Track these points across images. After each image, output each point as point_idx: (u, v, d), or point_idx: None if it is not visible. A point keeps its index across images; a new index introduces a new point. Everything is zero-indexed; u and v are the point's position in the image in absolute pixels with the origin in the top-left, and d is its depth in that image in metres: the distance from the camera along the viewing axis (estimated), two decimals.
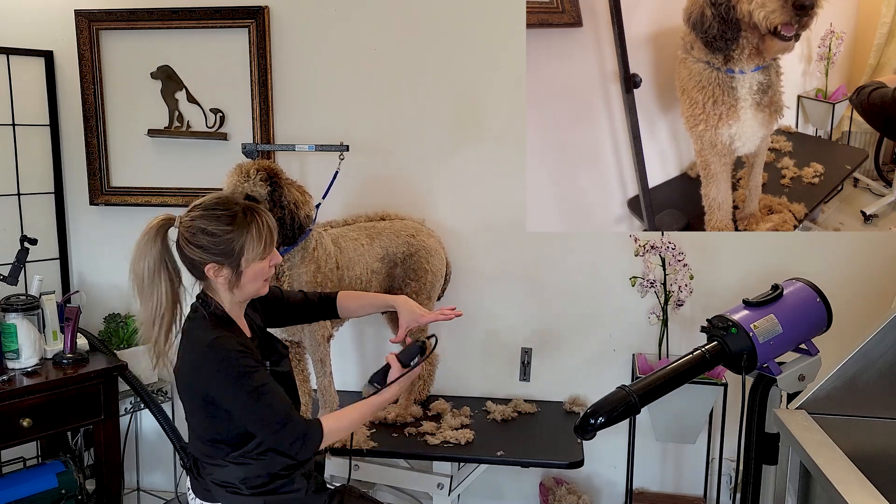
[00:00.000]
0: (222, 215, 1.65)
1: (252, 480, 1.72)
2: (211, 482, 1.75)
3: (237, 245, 1.64)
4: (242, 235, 1.64)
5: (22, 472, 2.51)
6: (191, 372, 1.67)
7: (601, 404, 1.51)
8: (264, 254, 1.68)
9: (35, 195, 2.89)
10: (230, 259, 1.65)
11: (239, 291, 1.70)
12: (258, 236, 1.66)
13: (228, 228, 1.64)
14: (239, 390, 1.61)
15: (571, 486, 2.76)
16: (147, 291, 1.68)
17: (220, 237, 1.63)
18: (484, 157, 2.71)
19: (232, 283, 1.68)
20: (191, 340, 1.68)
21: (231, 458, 1.71)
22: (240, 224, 1.65)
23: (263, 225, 1.67)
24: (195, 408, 1.72)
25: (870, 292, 2.54)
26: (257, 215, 1.67)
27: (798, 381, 1.64)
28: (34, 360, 2.49)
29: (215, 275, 1.67)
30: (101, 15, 2.81)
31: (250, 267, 1.67)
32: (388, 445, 2.38)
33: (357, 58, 2.73)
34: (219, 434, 1.70)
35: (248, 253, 1.65)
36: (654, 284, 2.48)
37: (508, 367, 2.84)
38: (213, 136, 2.83)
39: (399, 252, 2.49)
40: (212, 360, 1.62)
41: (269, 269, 1.73)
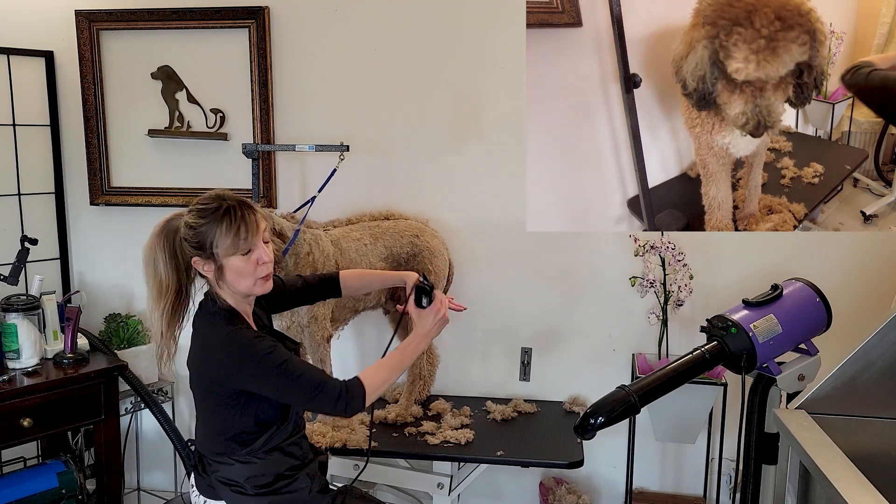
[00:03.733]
0: (202, 209, 1.68)
1: (257, 480, 1.73)
2: (216, 479, 1.76)
3: (208, 238, 1.66)
4: (213, 229, 1.65)
5: (22, 472, 2.51)
6: (213, 368, 1.70)
7: (601, 404, 1.51)
8: (236, 249, 1.66)
9: (35, 195, 2.90)
10: (205, 251, 1.67)
11: (228, 287, 1.71)
12: (227, 230, 1.65)
13: (202, 221, 1.66)
14: (269, 373, 1.65)
15: (571, 485, 2.76)
16: (151, 279, 1.72)
17: (196, 230, 1.67)
18: (484, 156, 2.72)
19: (218, 277, 1.70)
20: (207, 338, 1.71)
21: (238, 456, 1.73)
22: (213, 218, 1.66)
23: (235, 220, 1.66)
24: (214, 405, 1.73)
25: (870, 292, 2.54)
26: (233, 210, 1.67)
27: (798, 380, 1.64)
28: (34, 360, 2.49)
29: (202, 269, 1.70)
30: (101, 15, 2.81)
31: (229, 262, 1.68)
32: (388, 445, 2.38)
33: (357, 58, 2.73)
34: (233, 430, 1.72)
35: (218, 247, 1.66)
36: (653, 284, 2.48)
37: (508, 367, 2.84)
38: (214, 137, 2.83)
39: (403, 252, 2.49)
40: (234, 354, 1.66)
41: (256, 268, 1.70)
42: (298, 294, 2.03)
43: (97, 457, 2.59)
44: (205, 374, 1.72)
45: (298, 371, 1.67)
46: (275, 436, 1.74)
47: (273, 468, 1.75)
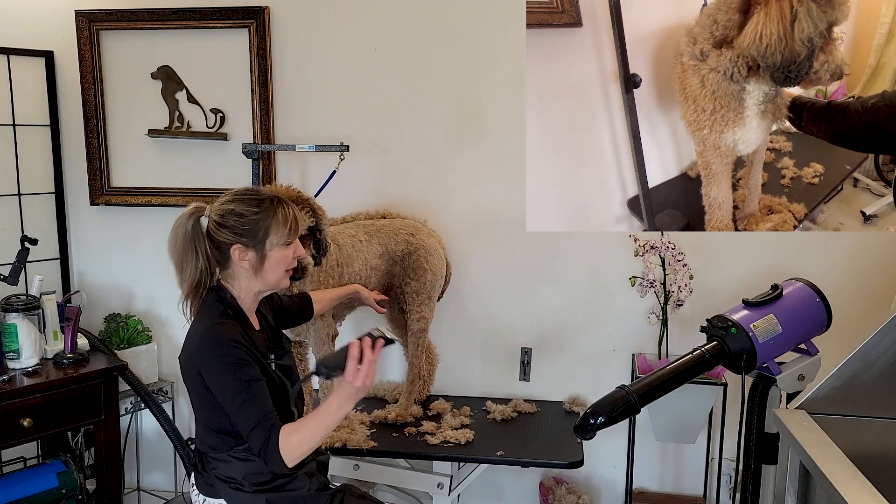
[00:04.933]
0: (251, 199, 1.74)
1: (255, 477, 1.74)
2: (215, 477, 1.77)
3: (262, 226, 1.72)
4: (268, 218, 1.73)
5: (22, 472, 2.51)
6: (190, 355, 1.72)
7: (601, 404, 1.51)
8: (288, 238, 1.75)
9: (35, 195, 2.90)
10: (255, 240, 1.72)
11: (262, 278, 1.76)
12: (283, 220, 1.74)
13: (256, 210, 1.72)
14: (227, 381, 1.65)
15: (571, 485, 2.76)
16: (181, 266, 1.75)
17: (248, 217, 1.71)
18: (484, 156, 2.71)
19: (256, 267, 1.74)
20: (195, 326, 1.74)
21: (235, 452, 1.74)
22: (266, 207, 1.73)
23: (289, 211, 1.76)
24: (197, 396, 1.75)
25: (870, 292, 2.54)
26: (283, 202, 1.76)
27: (798, 380, 1.64)
28: (34, 360, 2.49)
29: (241, 257, 1.73)
30: (101, 15, 2.81)
31: (274, 251, 1.74)
32: (388, 445, 2.38)
33: (357, 58, 2.73)
34: (222, 424, 1.72)
35: (273, 235, 1.73)
36: (653, 284, 2.48)
37: (508, 367, 2.84)
38: (214, 137, 2.83)
39: (398, 250, 2.49)
40: (207, 346, 1.68)
41: (293, 260, 1.79)
42: (293, 315, 2.10)
43: (97, 457, 2.59)
44: (185, 362, 1.74)
45: (254, 396, 1.63)
46: None
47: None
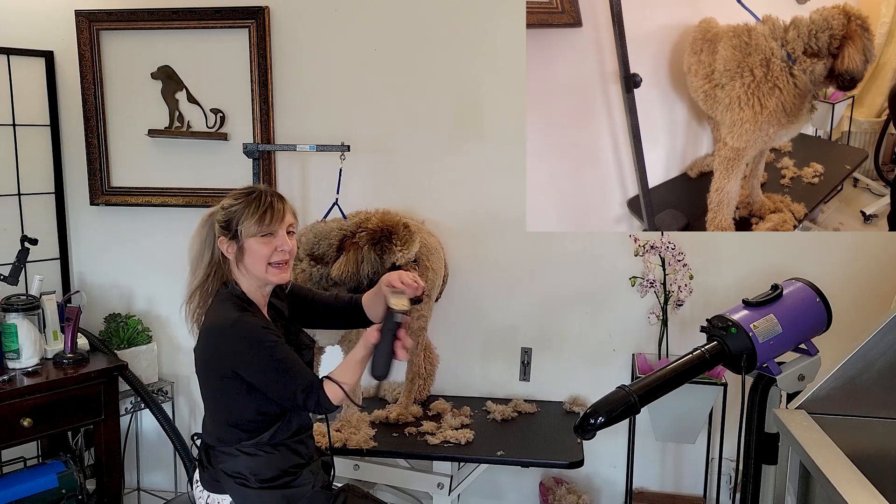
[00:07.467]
0: (237, 193, 1.80)
1: (261, 473, 1.76)
2: (221, 471, 1.78)
3: (236, 217, 1.75)
4: (243, 209, 1.75)
5: (22, 472, 2.51)
6: (214, 351, 1.73)
7: (601, 404, 1.51)
8: (259, 231, 1.74)
9: (35, 195, 2.90)
10: (230, 231, 1.75)
11: (246, 270, 1.77)
12: (254, 211, 1.75)
13: (235, 202, 1.77)
14: (265, 365, 1.68)
15: (571, 485, 2.76)
16: (194, 265, 1.82)
17: (227, 209, 1.77)
18: (484, 156, 2.71)
19: (238, 259, 1.76)
20: (214, 320, 1.75)
21: (243, 446, 1.76)
22: (244, 200, 1.77)
23: (262, 204, 1.76)
24: (215, 389, 1.77)
25: (870, 292, 2.54)
26: (263, 196, 1.77)
27: (798, 380, 1.64)
28: (34, 360, 2.49)
29: (226, 249, 1.77)
30: (101, 15, 2.81)
31: (249, 243, 1.75)
32: (388, 445, 2.38)
33: (357, 58, 2.73)
34: (235, 417, 1.75)
35: (243, 225, 1.74)
36: (653, 284, 2.48)
37: (508, 367, 2.84)
38: (214, 137, 2.83)
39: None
40: (236, 337, 1.69)
41: (273, 254, 1.77)
42: (327, 308, 1.96)
43: (97, 457, 2.59)
44: (206, 356, 1.75)
45: (292, 369, 1.70)
46: (281, 430, 1.78)
47: (278, 463, 1.78)
